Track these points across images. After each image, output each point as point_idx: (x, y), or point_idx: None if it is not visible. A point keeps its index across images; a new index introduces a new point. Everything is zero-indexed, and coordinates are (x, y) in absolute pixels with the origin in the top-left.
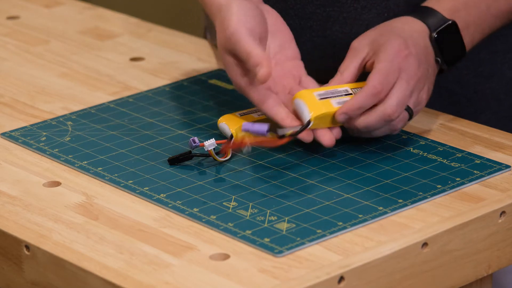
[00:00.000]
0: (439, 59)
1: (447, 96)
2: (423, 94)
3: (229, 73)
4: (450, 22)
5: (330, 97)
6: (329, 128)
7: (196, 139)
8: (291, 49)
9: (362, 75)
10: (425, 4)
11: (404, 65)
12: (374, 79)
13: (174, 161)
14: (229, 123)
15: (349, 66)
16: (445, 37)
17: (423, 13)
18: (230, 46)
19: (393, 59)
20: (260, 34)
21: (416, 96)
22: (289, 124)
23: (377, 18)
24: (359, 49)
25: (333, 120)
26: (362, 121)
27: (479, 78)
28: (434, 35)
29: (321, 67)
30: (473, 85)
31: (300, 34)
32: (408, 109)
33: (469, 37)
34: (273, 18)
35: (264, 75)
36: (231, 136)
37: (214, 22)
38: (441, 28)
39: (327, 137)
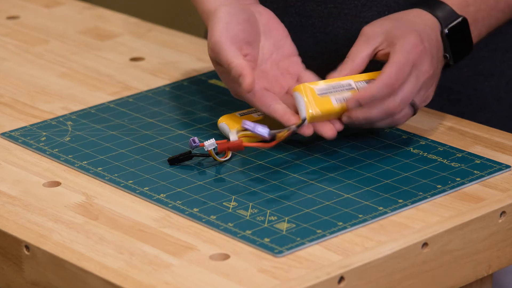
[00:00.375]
0: (447, 55)
1: (446, 94)
2: (431, 91)
3: (222, 80)
4: (461, 18)
5: (331, 92)
6: (330, 120)
7: (196, 139)
8: (287, 46)
9: (370, 64)
10: None
11: (418, 61)
12: (390, 70)
13: (174, 161)
14: (229, 123)
15: (361, 52)
16: (456, 33)
17: (433, 6)
18: (214, 56)
19: (409, 53)
20: (247, 39)
21: (424, 92)
22: (288, 120)
23: (377, 16)
24: (372, 36)
25: (332, 116)
26: (363, 113)
27: (478, 76)
28: (446, 31)
29: (323, 63)
30: (473, 83)
31: (301, 31)
32: (413, 104)
33: (477, 31)
34: (266, 18)
35: (247, 85)
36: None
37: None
38: (452, 24)
39: (328, 129)
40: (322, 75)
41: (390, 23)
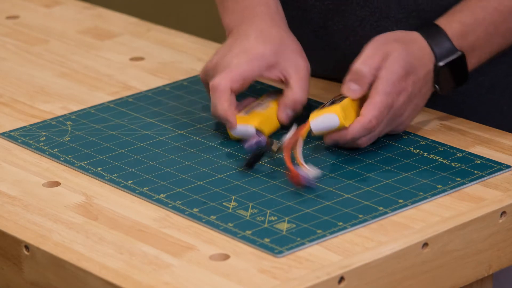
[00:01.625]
0: (437, 86)
1: (449, 106)
2: (401, 126)
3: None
4: (459, 54)
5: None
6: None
7: (261, 138)
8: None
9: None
10: (438, 22)
11: (395, 103)
12: (371, 113)
13: (251, 165)
14: (246, 122)
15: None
16: (451, 66)
17: (433, 35)
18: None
19: (390, 92)
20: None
21: (389, 129)
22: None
23: (370, 17)
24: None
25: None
26: (333, 143)
27: (480, 89)
28: (440, 64)
29: (323, 57)
30: (476, 96)
31: (302, 25)
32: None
33: (475, 59)
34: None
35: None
36: (257, 131)
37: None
38: (448, 60)
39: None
40: (322, 68)
41: (389, 43)
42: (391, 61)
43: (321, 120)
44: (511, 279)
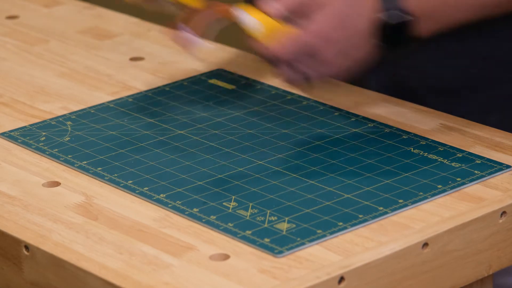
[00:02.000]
0: (383, 44)
1: (449, 106)
2: (327, 71)
3: None
4: (409, 18)
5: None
6: None
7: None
8: None
9: None
10: None
11: (319, 48)
12: (285, 43)
13: None
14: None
15: None
16: (399, 29)
17: None
18: None
19: (315, 35)
20: None
21: (311, 70)
22: None
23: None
24: None
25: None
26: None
27: (480, 88)
28: (389, 22)
29: None
30: (476, 96)
31: None
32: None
33: (427, 27)
34: None
35: None
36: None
37: None
38: (398, 21)
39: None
40: None
41: None
42: (329, 10)
43: (246, 15)
44: (511, 279)
